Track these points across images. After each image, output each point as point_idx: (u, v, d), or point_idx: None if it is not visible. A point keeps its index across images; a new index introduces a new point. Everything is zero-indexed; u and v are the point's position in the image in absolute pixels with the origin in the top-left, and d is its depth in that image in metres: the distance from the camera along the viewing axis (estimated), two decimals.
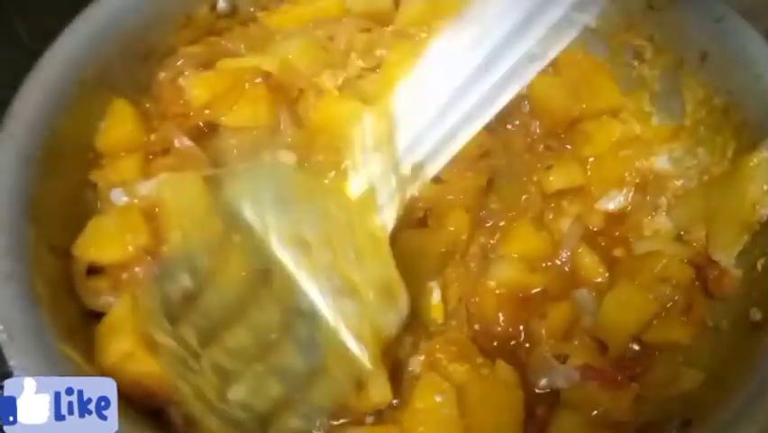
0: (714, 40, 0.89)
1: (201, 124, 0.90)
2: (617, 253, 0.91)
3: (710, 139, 0.92)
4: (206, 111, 0.89)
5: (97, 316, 0.79)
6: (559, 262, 0.89)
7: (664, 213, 0.93)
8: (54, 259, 0.79)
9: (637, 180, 0.94)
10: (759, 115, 0.85)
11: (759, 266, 0.83)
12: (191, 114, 0.89)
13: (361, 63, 0.96)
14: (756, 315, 0.79)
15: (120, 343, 0.73)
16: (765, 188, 0.82)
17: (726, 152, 0.90)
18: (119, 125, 0.89)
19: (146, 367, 0.72)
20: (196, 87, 0.90)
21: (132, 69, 0.93)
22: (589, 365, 0.81)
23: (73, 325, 0.76)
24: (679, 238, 0.91)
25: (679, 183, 0.94)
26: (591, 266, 0.88)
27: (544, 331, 0.83)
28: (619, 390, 0.80)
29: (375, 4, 1.02)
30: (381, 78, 0.93)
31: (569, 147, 0.96)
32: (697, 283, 0.86)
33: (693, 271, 0.86)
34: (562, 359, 0.82)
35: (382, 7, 1.03)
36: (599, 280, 0.88)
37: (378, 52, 0.97)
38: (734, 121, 0.89)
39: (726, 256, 0.86)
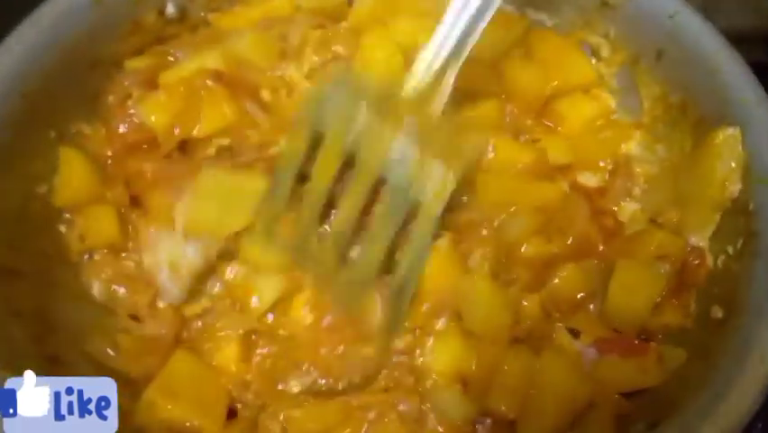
0: (669, 36, 0.89)
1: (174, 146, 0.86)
2: (608, 222, 0.91)
3: (668, 135, 0.92)
4: (176, 131, 0.85)
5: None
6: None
7: (636, 199, 0.94)
8: None
9: (610, 167, 0.95)
10: (715, 110, 0.85)
11: (720, 263, 0.83)
12: (160, 142, 0.86)
13: (315, 58, 0.94)
14: (718, 313, 0.79)
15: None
16: (732, 164, 0.82)
17: (684, 148, 0.90)
18: (73, 179, 0.86)
19: (170, 413, 0.74)
20: (153, 113, 0.86)
21: (79, 79, 0.89)
22: (602, 338, 0.82)
23: (18, 351, 0.73)
24: (653, 223, 0.91)
25: (646, 168, 0.95)
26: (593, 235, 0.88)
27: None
28: (641, 354, 0.80)
29: (327, 1, 1.00)
30: (360, 59, 0.92)
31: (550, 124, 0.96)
32: None
33: (687, 248, 0.85)
34: (575, 334, 0.83)
35: (334, 4, 1.00)
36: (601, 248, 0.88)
37: (333, 48, 0.95)
38: (691, 117, 0.89)
39: (700, 238, 0.85)
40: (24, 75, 0.83)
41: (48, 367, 0.76)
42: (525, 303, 0.84)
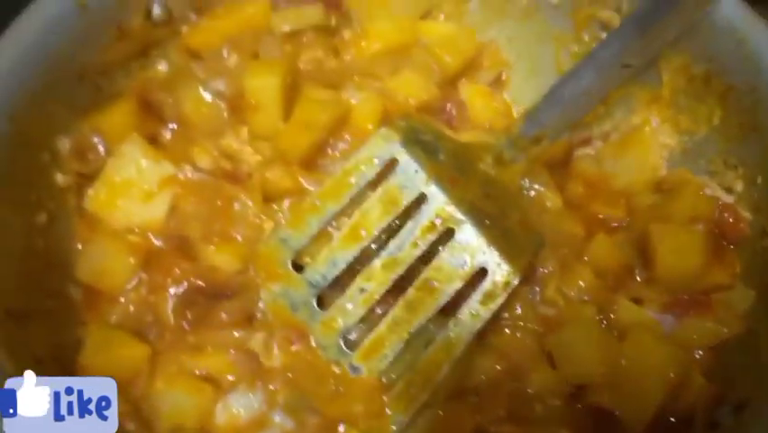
0: None
1: None
2: None
3: (693, 108, 0.90)
4: None
5: None
6: None
7: None
8: (12, 324, 0.70)
9: None
10: (746, 79, 0.83)
11: None
12: None
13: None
14: None
15: None
16: None
17: (712, 120, 0.88)
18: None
19: None
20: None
21: (67, 93, 0.82)
22: (672, 302, 0.81)
23: None
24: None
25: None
26: None
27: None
28: (711, 308, 0.80)
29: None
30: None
31: None
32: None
33: (718, 207, 0.85)
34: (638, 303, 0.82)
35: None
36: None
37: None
38: (717, 88, 0.87)
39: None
40: (11, 96, 0.76)
41: None
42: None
